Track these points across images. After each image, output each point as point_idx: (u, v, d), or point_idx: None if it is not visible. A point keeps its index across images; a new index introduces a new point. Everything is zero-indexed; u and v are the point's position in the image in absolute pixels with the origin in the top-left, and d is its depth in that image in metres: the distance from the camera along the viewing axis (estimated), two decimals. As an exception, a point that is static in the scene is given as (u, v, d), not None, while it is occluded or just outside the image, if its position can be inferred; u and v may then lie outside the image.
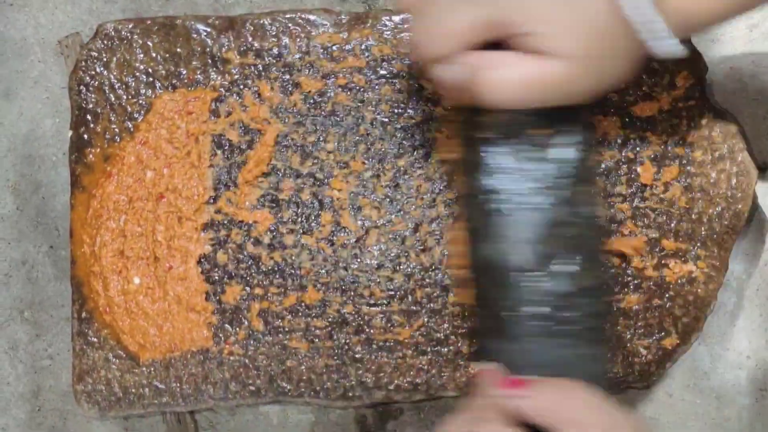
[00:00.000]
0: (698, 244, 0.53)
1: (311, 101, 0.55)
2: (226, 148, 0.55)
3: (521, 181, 0.45)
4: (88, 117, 0.54)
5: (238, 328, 0.54)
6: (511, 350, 0.46)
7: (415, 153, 0.54)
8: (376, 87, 0.54)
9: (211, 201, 0.55)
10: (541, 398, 0.42)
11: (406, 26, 0.54)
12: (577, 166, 0.46)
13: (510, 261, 0.46)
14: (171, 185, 0.54)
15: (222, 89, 0.55)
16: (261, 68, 0.54)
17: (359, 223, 0.54)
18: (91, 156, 0.54)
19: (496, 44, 0.43)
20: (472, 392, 0.46)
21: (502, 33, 0.42)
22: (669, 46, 0.42)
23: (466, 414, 0.44)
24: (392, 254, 0.54)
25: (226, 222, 0.54)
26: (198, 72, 0.55)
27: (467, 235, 0.47)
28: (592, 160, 0.46)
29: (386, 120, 0.54)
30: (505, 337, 0.46)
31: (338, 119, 0.54)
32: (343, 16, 0.55)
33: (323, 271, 0.54)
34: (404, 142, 0.54)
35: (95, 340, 0.54)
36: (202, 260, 0.54)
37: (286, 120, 0.55)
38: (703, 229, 0.53)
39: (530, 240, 0.45)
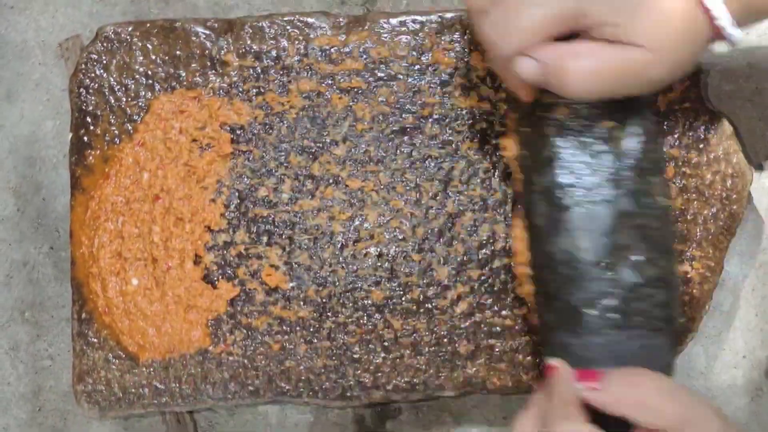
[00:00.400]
0: (693, 245, 0.53)
1: (309, 102, 0.55)
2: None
3: (588, 174, 0.46)
4: (88, 119, 0.55)
5: (236, 329, 0.54)
6: (579, 344, 0.47)
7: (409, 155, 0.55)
8: (374, 89, 0.55)
9: (216, 202, 0.55)
10: (612, 388, 0.44)
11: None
12: (642, 157, 0.46)
13: (579, 254, 0.46)
14: (166, 186, 0.55)
15: (221, 91, 0.55)
16: (259, 71, 0.55)
17: (357, 224, 0.55)
18: (91, 158, 0.55)
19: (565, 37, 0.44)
20: (541, 388, 0.46)
21: (578, 25, 0.42)
22: (732, 35, 0.43)
23: (539, 410, 0.45)
24: (390, 254, 0.54)
25: (224, 223, 0.55)
26: (197, 74, 0.55)
27: (530, 230, 0.48)
28: (656, 151, 0.47)
29: (381, 120, 0.55)
30: (571, 331, 0.47)
31: (335, 121, 0.55)
32: (341, 19, 0.55)
33: (322, 272, 0.54)
34: (399, 145, 0.55)
35: (95, 340, 0.54)
36: (200, 261, 0.55)
37: (284, 122, 0.55)
38: (698, 230, 0.53)
39: (599, 232, 0.46)
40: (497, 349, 0.54)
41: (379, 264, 0.54)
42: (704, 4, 0.42)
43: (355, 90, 0.55)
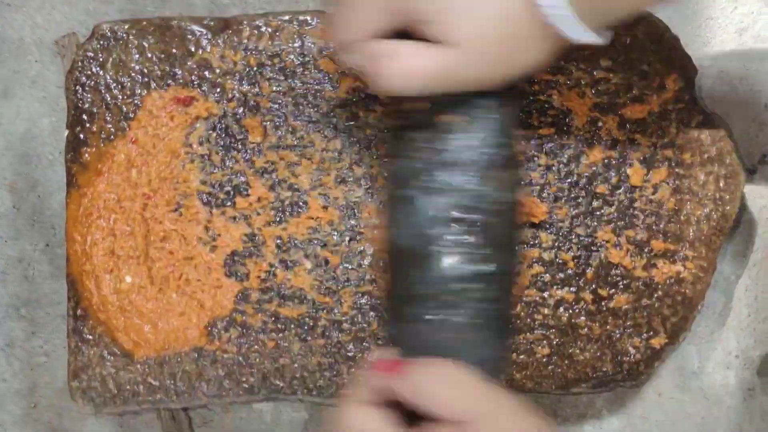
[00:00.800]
0: (686, 245, 0.54)
1: (305, 101, 0.55)
2: (213, 142, 0.55)
3: (428, 166, 0.46)
4: (84, 116, 0.55)
5: (232, 326, 0.55)
6: (404, 332, 0.46)
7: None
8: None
9: (205, 201, 0.55)
10: (410, 379, 0.43)
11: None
12: (490, 152, 0.46)
13: (411, 244, 0.46)
14: (155, 184, 0.55)
15: (216, 89, 0.55)
16: (255, 69, 0.55)
17: (353, 222, 0.55)
18: (86, 155, 0.55)
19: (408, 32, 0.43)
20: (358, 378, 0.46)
21: (406, 21, 0.42)
22: (580, 33, 0.42)
23: (342, 400, 0.45)
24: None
25: (217, 221, 0.55)
26: (193, 72, 0.55)
27: (384, 221, 0.48)
28: (505, 146, 0.46)
29: (378, 119, 0.55)
30: (402, 322, 0.47)
31: (331, 118, 0.55)
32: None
33: (318, 270, 0.55)
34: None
35: (90, 337, 0.54)
36: (195, 259, 0.55)
37: (280, 120, 0.55)
38: (691, 230, 0.54)
39: (430, 224, 0.46)
40: (491, 348, 0.54)
41: (374, 262, 0.54)
42: (538, 5, 0.41)
43: (352, 87, 0.55)
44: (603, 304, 0.54)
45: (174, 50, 0.55)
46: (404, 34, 0.43)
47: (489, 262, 0.46)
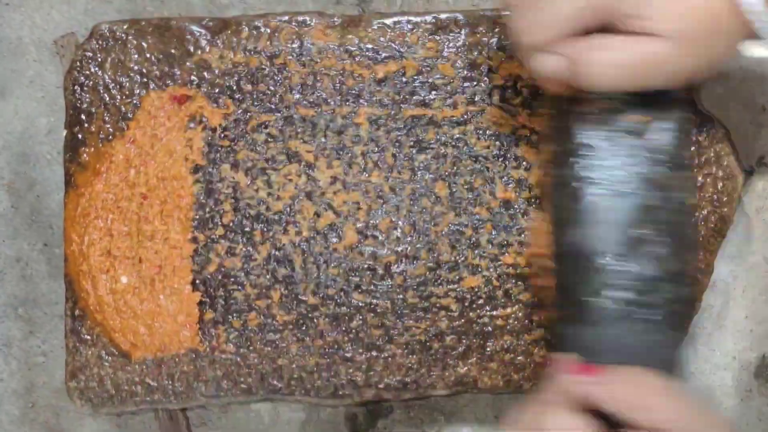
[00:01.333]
0: (685, 247, 0.54)
1: (303, 102, 0.55)
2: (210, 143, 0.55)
3: (614, 167, 0.46)
4: (83, 116, 0.55)
5: (229, 327, 0.55)
6: (587, 335, 0.46)
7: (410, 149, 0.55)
8: (370, 88, 0.55)
9: (200, 201, 0.55)
10: (611, 384, 0.43)
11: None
12: (671, 153, 0.46)
13: (599, 245, 0.46)
14: (152, 184, 0.55)
15: (215, 89, 0.55)
16: (254, 69, 0.55)
17: (351, 223, 0.55)
18: (85, 155, 0.55)
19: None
20: (544, 382, 0.46)
21: (606, 17, 0.42)
22: (763, 29, 0.42)
23: (535, 402, 0.44)
24: (384, 254, 0.55)
25: (213, 222, 0.55)
26: (192, 73, 0.55)
27: (552, 224, 0.48)
28: (686, 147, 0.47)
29: (382, 122, 0.55)
30: (583, 323, 0.46)
31: (329, 119, 0.55)
32: (336, 19, 0.55)
33: (316, 270, 0.55)
34: (395, 145, 0.55)
35: (88, 337, 0.54)
36: (190, 260, 0.55)
37: (279, 121, 0.55)
38: (689, 232, 0.54)
39: (620, 224, 0.46)
40: (489, 349, 0.54)
41: (372, 264, 0.54)
42: (737, 2, 0.41)
43: (352, 90, 0.55)
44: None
45: (173, 50, 0.55)
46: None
47: (680, 261, 0.46)
